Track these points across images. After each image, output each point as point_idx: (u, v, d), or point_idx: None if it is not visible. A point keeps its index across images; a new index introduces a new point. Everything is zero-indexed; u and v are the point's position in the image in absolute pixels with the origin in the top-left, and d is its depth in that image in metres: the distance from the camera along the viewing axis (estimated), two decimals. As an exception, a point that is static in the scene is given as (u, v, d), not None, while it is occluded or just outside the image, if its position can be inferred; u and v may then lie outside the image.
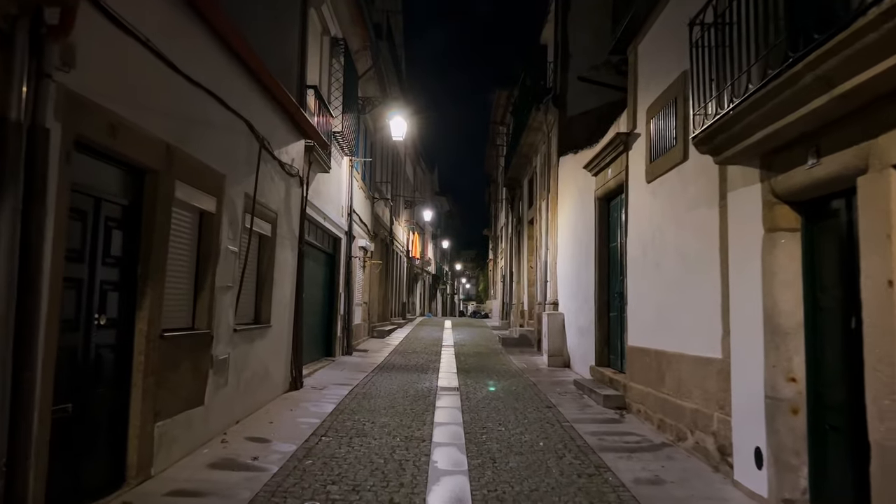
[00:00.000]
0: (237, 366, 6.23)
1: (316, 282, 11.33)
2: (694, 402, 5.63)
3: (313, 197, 9.92)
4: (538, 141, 15.61)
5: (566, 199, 12.18)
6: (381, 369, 11.11)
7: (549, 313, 12.15)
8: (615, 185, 8.61)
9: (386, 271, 21.83)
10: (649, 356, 6.87)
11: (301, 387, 8.45)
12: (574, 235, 11.25)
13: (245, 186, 6.20)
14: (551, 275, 13.45)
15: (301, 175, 8.39)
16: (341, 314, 12.82)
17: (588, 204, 10.09)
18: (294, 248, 8.31)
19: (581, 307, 10.46)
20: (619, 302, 8.72)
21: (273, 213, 7.30)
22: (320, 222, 10.69)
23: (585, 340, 10.14)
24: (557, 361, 11.78)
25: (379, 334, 18.20)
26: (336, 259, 12.67)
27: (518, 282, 20.64)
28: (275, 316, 7.48)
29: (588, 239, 10.06)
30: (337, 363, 11.65)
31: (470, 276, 76.43)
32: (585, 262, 10.23)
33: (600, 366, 9.26)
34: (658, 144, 6.82)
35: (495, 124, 26.91)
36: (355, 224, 14.40)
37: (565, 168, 12.41)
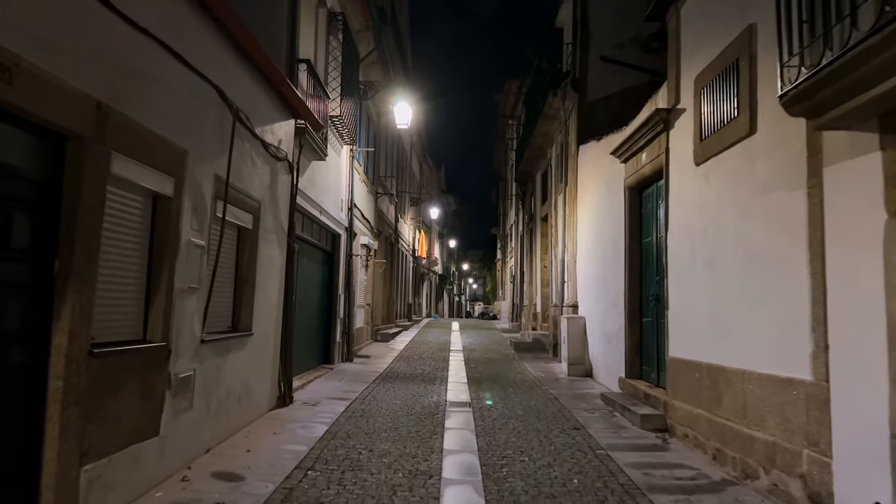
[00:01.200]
0: (206, 384, 5.16)
1: (311, 282, 10.27)
2: (768, 432, 4.52)
3: (307, 187, 8.86)
4: (554, 130, 14.50)
5: (587, 192, 11.07)
6: (383, 379, 10.04)
7: (568, 317, 11.04)
8: (651, 172, 7.50)
9: (390, 271, 20.77)
10: (700, 371, 5.76)
11: (290, 403, 7.38)
12: (598, 231, 10.14)
13: (216, 167, 5.13)
14: (570, 275, 12.34)
15: (290, 160, 7.32)
16: (340, 317, 11.76)
17: (615, 195, 8.98)
18: (282, 244, 7.24)
19: (607, 311, 9.35)
20: (655, 306, 7.61)
21: (255, 201, 6.24)
22: (316, 216, 9.63)
23: (612, 348, 9.03)
24: (578, 370, 10.67)
25: (383, 338, 17.13)
26: (335, 257, 11.60)
27: (530, 282, 19.53)
28: (257, 322, 6.41)
29: (616, 234, 8.95)
30: (335, 372, 10.58)
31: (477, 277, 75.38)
32: (612, 261, 9.12)
33: (632, 378, 8.15)
34: (712, 119, 5.71)
35: (504, 118, 25.79)
36: (357, 220, 13.34)
37: (586, 157, 11.30)
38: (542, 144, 15.98)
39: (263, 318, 6.65)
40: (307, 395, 8.18)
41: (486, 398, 8.44)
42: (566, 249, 12.77)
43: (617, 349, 8.76)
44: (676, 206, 6.58)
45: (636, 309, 8.25)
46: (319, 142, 8.68)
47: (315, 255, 10.40)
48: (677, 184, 6.58)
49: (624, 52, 11.27)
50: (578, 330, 10.83)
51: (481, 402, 8.09)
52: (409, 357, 13.60)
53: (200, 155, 4.81)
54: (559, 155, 14.13)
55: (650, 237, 7.89)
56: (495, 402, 8.10)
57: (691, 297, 6.12)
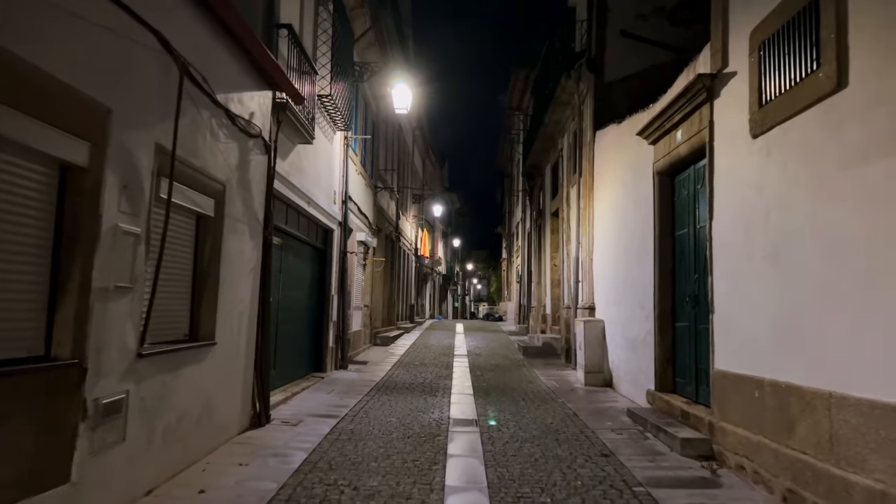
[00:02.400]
0: (147, 408, 4.11)
1: (299, 282, 9.22)
2: (873, 477, 3.43)
3: (291, 174, 7.81)
4: (566, 118, 13.42)
5: (606, 181, 9.99)
6: (379, 390, 8.97)
7: (585, 320, 9.96)
8: (687, 152, 6.42)
9: (391, 270, 19.71)
10: (760, 389, 4.68)
11: (267, 422, 6.32)
12: (619, 224, 9.06)
13: (158, 135, 4.08)
14: (585, 273, 11.25)
15: (267, 139, 6.27)
16: (334, 321, 10.71)
17: (642, 182, 7.91)
18: (257, 237, 6.18)
19: (631, 314, 8.27)
20: (692, 308, 6.53)
21: (218, 183, 5.18)
22: (303, 208, 8.57)
23: (638, 356, 7.95)
24: (596, 380, 9.59)
25: (382, 341, 16.08)
26: (327, 255, 10.55)
27: (538, 282, 18.46)
28: (223, 329, 5.36)
29: (642, 227, 7.87)
30: (326, 381, 9.52)
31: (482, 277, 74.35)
32: (638, 257, 8.04)
33: (663, 391, 7.07)
34: (776, 79, 4.63)
35: (511, 110, 24.71)
36: (352, 214, 12.28)
37: (604, 143, 10.22)
38: (552, 134, 14.90)
39: (231, 323, 5.60)
40: (289, 411, 7.12)
41: (494, 415, 7.36)
42: (580, 246, 11.68)
43: (644, 357, 7.68)
44: (725, 188, 5.50)
45: (668, 311, 7.17)
46: (305, 122, 7.62)
47: (303, 252, 9.35)
48: (726, 162, 5.50)
49: (646, 25, 10.20)
50: (596, 335, 9.74)
51: (490, 420, 7.01)
52: (410, 363, 12.53)
53: (132, 117, 3.75)
54: (571, 144, 13.05)
55: (686, 228, 6.81)
56: (506, 420, 7.03)
57: (746, 298, 5.04)
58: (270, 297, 6.43)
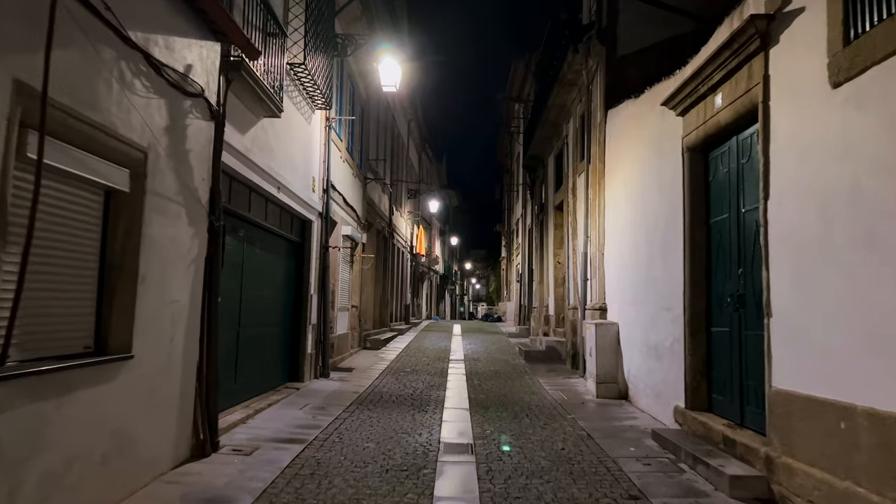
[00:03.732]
0: (7, 453, 2.92)
1: (270, 279, 8.04)
2: None
3: (255, 152, 6.63)
4: (571, 100, 12.25)
5: (620, 166, 8.82)
6: (361, 403, 7.79)
7: (596, 323, 8.77)
8: (730, 119, 5.25)
9: (384, 268, 18.53)
10: (852, 420, 3.51)
11: (215, 450, 5.14)
12: (637, 212, 7.88)
13: (17, 67, 2.90)
14: (595, 271, 10.08)
15: (211, 99, 5.08)
16: (313, 323, 9.52)
17: (666, 162, 6.74)
18: (199, 222, 4.99)
19: (653, 316, 7.09)
20: (736, 310, 5.36)
21: (136, 150, 4.00)
22: (271, 194, 7.39)
23: (663, 366, 6.78)
24: (610, 391, 8.41)
25: (373, 345, 14.89)
26: (304, 249, 9.37)
27: (540, 281, 17.28)
28: (145, 337, 4.17)
29: (668, 214, 6.70)
30: (301, 394, 8.34)
31: (480, 276, 73.16)
32: (662, 250, 6.87)
33: (696, 409, 5.90)
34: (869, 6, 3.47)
35: (511, 100, 23.51)
36: (336, 205, 11.10)
37: (617, 123, 9.05)
38: (556, 120, 13.73)
39: (160, 330, 4.41)
40: (247, 434, 5.93)
41: (494, 436, 6.19)
42: (589, 240, 10.51)
43: (670, 367, 6.52)
44: (787, 158, 4.32)
45: (701, 314, 5.99)
46: (270, 90, 6.44)
47: (274, 245, 8.17)
48: (788, 125, 4.33)
49: (666, -11, 9.01)
50: (609, 340, 8.56)
51: (488, 445, 5.84)
52: (401, 370, 11.35)
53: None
54: (578, 129, 11.88)
55: (725, 213, 5.63)
56: (508, 443, 5.85)
57: (821, 298, 3.87)
58: (217, 296, 5.24)
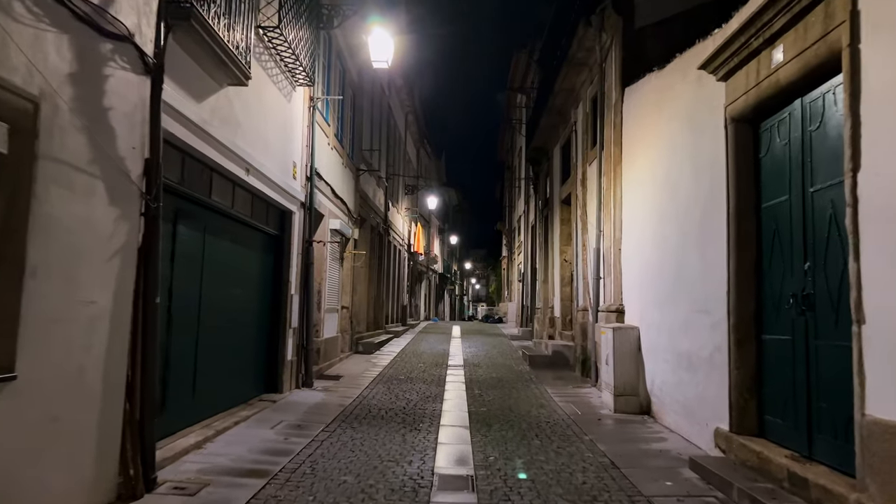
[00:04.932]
0: None
1: (240, 276, 7.00)
2: None
3: (214, 125, 5.60)
4: (581, 83, 11.22)
5: (640, 148, 7.79)
6: (345, 420, 6.76)
7: (614, 327, 7.73)
8: (794, 76, 4.22)
9: (379, 267, 17.49)
10: None
11: (150, 489, 4.10)
12: (664, 200, 6.86)
13: None
14: (609, 268, 9.05)
15: (146, 48, 4.05)
16: (294, 327, 8.49)
17: (702, 138, 5.71)
18: (127, 201, 3.96)
19: (687, 320, 6.06)
20: (798, 313, 4.33)
21: (21, 99, 2.97)
22: (239, 177, 6.36)
23: (699, 379, 5.74)
24: (630, 405, 7.38)
25: (365, 349, 13.84)
26: (284, 243, 8.33)
27: (545, 280, 16.25)
28: (38, 349, 3.14)
29: (704, 200, 5.67)
30: (278, 407, 7.30)
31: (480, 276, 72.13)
32: (697, 243, 5.85)
33: (743, 433, 4.87)
34: None
35: (513, 91, 22.48)
36: (322, 196, 10.07)
37: (637, 101, 8.02)
38: (562, 106, 12.70)
39: (62, 338, 3.38)
40: (200, 463, 4.89)
41: (499, 464, 5.15)
42: (602, 235, 9.48)
43: (709, 381, 5.48)
44: (889, 116, 3.29)
45: (749, 318, 4.96)
46: (232, 51, 5.41)
47: (245, 237, 7.13)
48: (891, 73, 3.30)
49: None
50: (629, 346, 7.53)
51: (493, 477, 4.80)
52: (394, 377, 10.31)
53: None
54: (588, 113, 10.86)
55: (784, 195, 4.60)
56: (517, 474, 4.82)
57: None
58: (156, 295, 4.20)
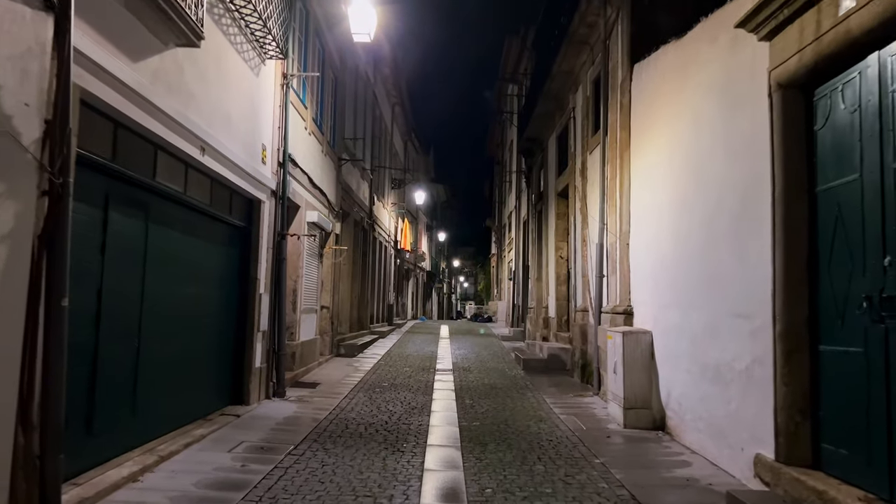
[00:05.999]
0: None
1: (196, 274, 6.06)
2: None
3: (158, 93, 4.65)
4: (581, 64, 10.36)
5: (654, 131, 6.94)
6: (317, 440, 5.85)
7: (623, 331, 6.87)
8: (871, 24, 3.36)
9: (363, 264, 16.56)
10: None
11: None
12: (687, 187, 6.00)
13: None
14: (615, 265, 8.20)
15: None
16: (263, 330, 7.55)
17: (739, 111, 4.85)
18: (20, 176, 3.03)
19: (715, 324, 5.20)
20: (875, 320, 3.47)
21: None
22: (192, 157, 5.41)
23: (731, 394, 4.88)
24: (641, 419, 6.52)
25: (348, 351, 12.92)
26: (252, 236, 7.38)
27: (538, 278, 15.40)
28: None
29: (740, 184, 4.81)
30: (241, 423, 6.36)
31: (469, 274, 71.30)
32: (730, 235, 4.99)
33: (794, 463, 4.01)
34: None
35: (504, 81, 21.60)
36: (298, 185, 9.13)
37: (648, 78, 7.17)
38: (559, 91, 11.84)
39: None
40: (131, 501, 3.96)
41: (497, 499, 4.26)
42: (606, 229, 8.63)
43: (745, 398, 4.63)
44: None
45: (801, 325, 4.11)
46: (178, 2, 4.47)
47: (203, 228, 6.19)
48: None
49: None
50: (641, 353, 6.68)
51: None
52: (377, 384, 9.40)
53: None
54: (590, 97, 10.01)
55: (854, 174, 3.74)
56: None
57: None
58: (66, 295, 3.26)
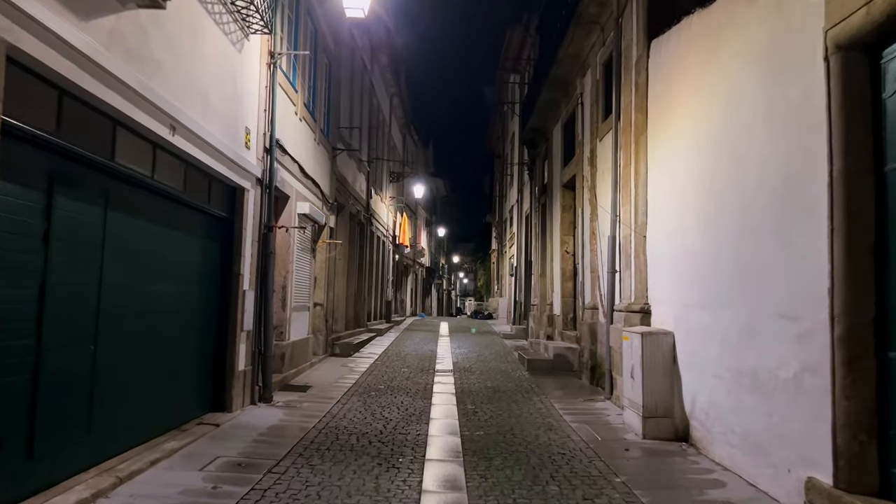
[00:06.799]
0: None
1: (169, 268, 5.44)
2: None
3: (114, 60, 4.02)
4: (589, 46, 9.72)
5: (677, 110, 6.31)
6: (303, 454, 5.23)
7: (642, 332, 6.24)
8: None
9: (360, 259, 15.93)
10: None
11: None
12: (717, 169, 5.37)
13: None
14: (630, 260, 7.58)
15: None
16: (247, 330, 6.93)
17: (787, 79, 4.23)
18: None
19: (754, 325, 4.57)
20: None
21: None
22: (160, 136, 4.78)
23: (775, 406, 4.26)
24: (662, 429, 5.91)
25: (343, 350, 12.30)
26: (235, 228, 6.76)
27: (542, 274, 14.79)
28: None
29: (788, 163, 4.19)
30: (219, 434, 5.75)
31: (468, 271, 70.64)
32: (776, 223, 4.36)
33: (857, 491, 3.40)
34: None
35: (505, 71, 20.93)
36: (287, 173, 8.50)
37: (669, 53, 6.53)
38: (566, 77, 11.19)
39: None
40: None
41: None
42: (619, 220, 8.01)
43: (793, 410, 4.02)
44: None
45: (866, 328, 3.50)
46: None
47: (176, 218, 5.56)
48: None
49: None
50: (662, 356, 6.06)
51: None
52: (372, 387, 8.79)
53: None
54: (600, 80, 9.37)
55: (939, 147, 3.13)
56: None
57: None
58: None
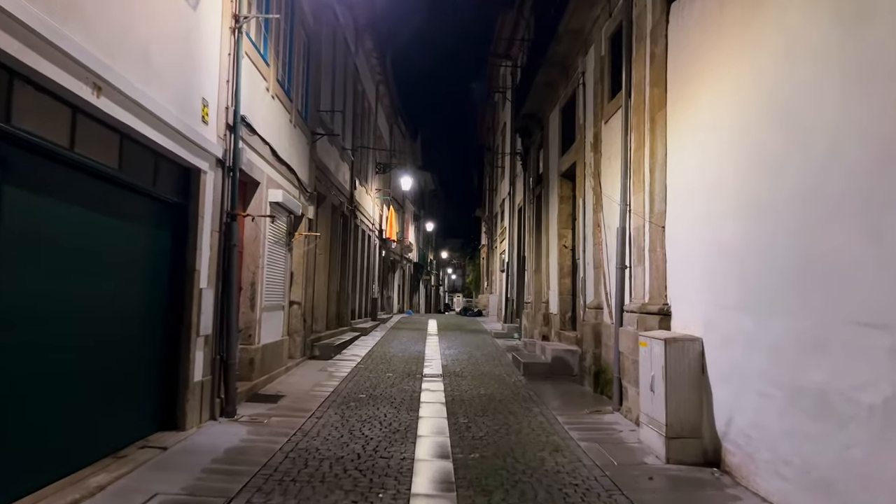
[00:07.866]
0: None
1: (101, 262, 4.48)
2: None
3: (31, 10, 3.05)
4: (593, 20, 8.82)
5: (707, 77, 5.43)
6: (261, 488, 4.30)
7: (666, 338, 5.36)
8: None
9: (343, 254, 14.96)
10: None
11: None
12: (772, 141, 4.49)
13: None
14: (644, 254, 6.71)
15: None
16: (206, 334, 5.98)
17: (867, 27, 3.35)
18: None
19: (821, 335, 3.70)
20: None
21: None
22: (80, 96, 3.83)
23: (855, 437, 3.39)
24: (689, 451, 5.05)
25: (323, 353, 11.35)
26: (189, 216, 5.79)
27: (537, 270, 13.93)
28: None
29: (870, 132, 3.31)
30: (162, 462, 4.80)
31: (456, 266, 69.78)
32: (850, 205, 3.49)
33: None
34: None
35: (497, 57, 20.01)
36: (255, 155, 7.53)
37: (697, 13, 5.65)
38: (566, 56, 10.31)
39: None
40: None
41: None
42: (630, 210, 7.14)
43: (882, 443, 3.16)
44: None
45: None
46: None
47: (112, 202, 4.60)
48: None
49: None
50: (688, 366, 5.19)
51: None
52: (352, 396, 7.86)
53: None
54: (606, 55, 8.48)
55: None
56: None
57: None
58: None
